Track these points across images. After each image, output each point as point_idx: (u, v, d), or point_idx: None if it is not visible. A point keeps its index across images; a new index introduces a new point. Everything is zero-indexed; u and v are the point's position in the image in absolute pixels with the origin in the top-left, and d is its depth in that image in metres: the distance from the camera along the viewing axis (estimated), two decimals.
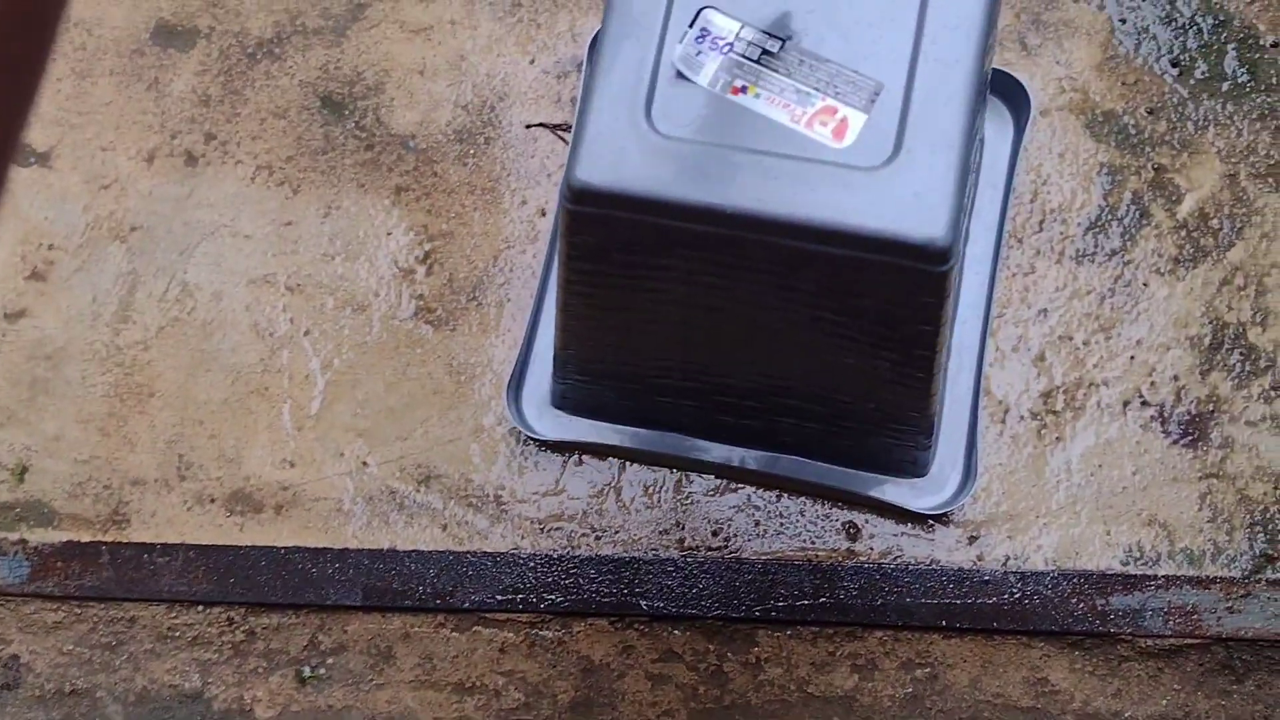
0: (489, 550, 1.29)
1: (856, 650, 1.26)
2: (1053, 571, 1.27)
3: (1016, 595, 1.27)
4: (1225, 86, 1.40)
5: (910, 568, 1.27)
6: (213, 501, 1.30)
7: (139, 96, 1.41)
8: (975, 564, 1.27)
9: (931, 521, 1.28)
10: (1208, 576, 1.27)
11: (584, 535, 1.29)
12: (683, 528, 1.29)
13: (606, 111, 1.02)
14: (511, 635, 1.27)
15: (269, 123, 1.41)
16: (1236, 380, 1.32)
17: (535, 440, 1.30)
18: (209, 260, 1.37)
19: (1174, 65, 1.41)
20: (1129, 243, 1.36)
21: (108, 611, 1.29)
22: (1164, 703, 1.25)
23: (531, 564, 1.28)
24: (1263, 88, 1.40)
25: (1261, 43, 1.42)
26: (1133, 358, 1.32)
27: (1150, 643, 1.26)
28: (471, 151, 1.39)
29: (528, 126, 1.40)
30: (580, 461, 1.31)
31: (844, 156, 1.01)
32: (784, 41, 1.04)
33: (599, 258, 1.07)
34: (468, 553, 1.29)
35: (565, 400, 1.29)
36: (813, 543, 1.28)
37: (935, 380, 1.15)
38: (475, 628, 1.28)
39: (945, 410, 1.28)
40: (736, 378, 1.21)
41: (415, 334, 1.34)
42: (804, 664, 1.26)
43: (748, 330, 1.14)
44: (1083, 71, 1.40)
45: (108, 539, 1.30)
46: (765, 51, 1.04)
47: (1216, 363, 1.32)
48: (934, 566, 1.27)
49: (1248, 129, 1.39)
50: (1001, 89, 1.37)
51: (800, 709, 1.25)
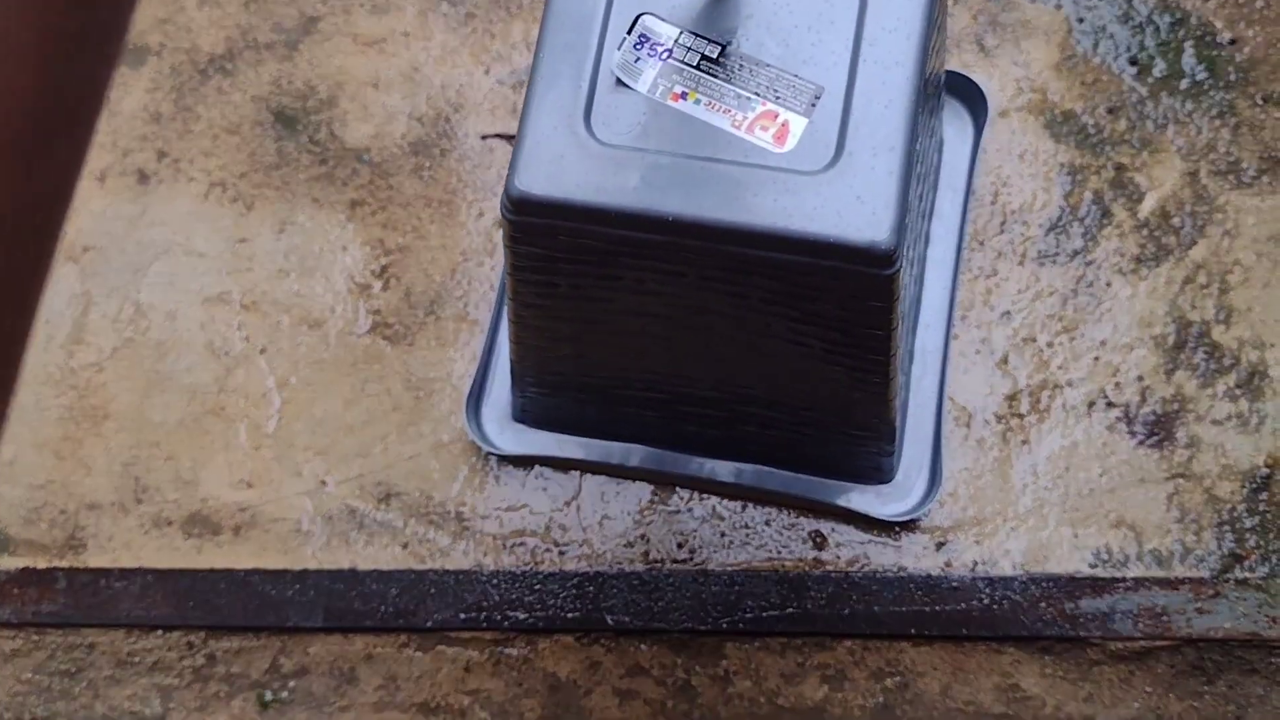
0: (451, 568, 1.27)
1: (826, 660, 1.25)
2: (1021, 576, 1.25)
3: (985, 601, 1.25)
4: (1184, 84, 1.39)
5: (878, 575, 1.26)
6: (170, 524, 1.29)
7: None
8: (943, 570, 1.26)
9: (898, 528, 1.26)
10: (1177, 577, 1.25)
11: (547, 550, 1.27)
12: (648, 540, 1.27)
13: (545, 120, 1.01)
14: (476, 654, 1.26)
15: (221, 139, 1.39)
16: (1201, 379, 1.31)
17: (496, 455, 1.29)
18: (163, 279, 1.35)
19: (1132, 64, 1.39)
20: (1091, 243, 1.34)
21: (66, 638, 1.27)
22: (1136, 706, 1.23)
23: (494, 581, 1.27)
24: (1221, 84, 1.39)
25: (1219, 39, 1.40)
26: (1097, 358, 1.31)
27: (1121, 646, 1.24)
28: (427, 164, 1.38)
29: (483, 138, 1.39)
30: (542, 475, 1.29)
31: (786, 161, 1.00)
32: (724, 47, 1.03)
33: (543, 269, 1.06)
34: (429, 571, 1.27)
35: (526, 413, 1.28)
36: (779, 553, 1.27)
37: (893, 385, 1.14)
38: (439, 647, 1.26)
39: (909, 415, 1.27)
40: (697, 387, 1.19)
41: (373, 350, 1.33)
42: (773, 675, 1.25)
43: (703, 338, 1.13)
44: (1041, 72, 1.39)
45: (64, 564, 1.28)
46: (705, 57, 1.03)
47: (1181, 362, 1.31)
48: (902, 574, 1.26)
49: (1207, 126, 1.37)
50: (961, 91, 1.36)
51: None
